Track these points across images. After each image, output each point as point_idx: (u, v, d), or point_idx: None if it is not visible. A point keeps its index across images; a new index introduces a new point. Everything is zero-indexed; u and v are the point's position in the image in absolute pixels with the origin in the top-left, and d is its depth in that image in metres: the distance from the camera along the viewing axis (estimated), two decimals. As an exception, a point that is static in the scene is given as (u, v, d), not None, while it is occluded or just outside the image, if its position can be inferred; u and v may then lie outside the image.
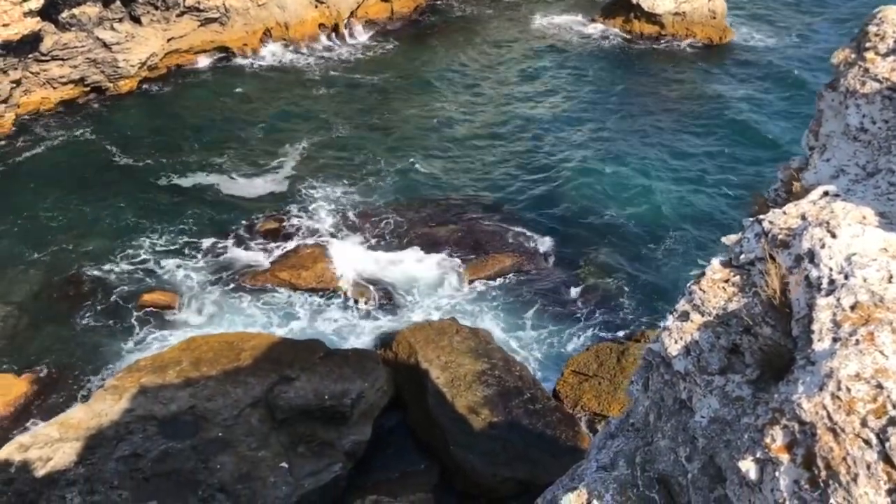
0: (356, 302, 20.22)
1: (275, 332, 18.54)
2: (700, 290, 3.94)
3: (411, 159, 26.35)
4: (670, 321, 3.95)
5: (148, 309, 19.66)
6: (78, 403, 16.36)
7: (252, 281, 20.68)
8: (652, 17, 36.35)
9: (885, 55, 4.67)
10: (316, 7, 35.47)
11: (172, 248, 21.83)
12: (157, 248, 21.77)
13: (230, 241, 22.16)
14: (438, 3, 39.88)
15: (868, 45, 4.78)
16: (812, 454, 2.73)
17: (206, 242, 22.07)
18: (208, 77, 31.99)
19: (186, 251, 21.73)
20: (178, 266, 21.16)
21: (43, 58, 27.44)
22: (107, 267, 20.98)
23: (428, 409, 16.01)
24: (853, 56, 4.79)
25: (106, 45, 29.05)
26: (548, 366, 18.24)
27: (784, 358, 3.33)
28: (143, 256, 21.44)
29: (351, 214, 23.34)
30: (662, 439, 4.07)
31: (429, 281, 21.00)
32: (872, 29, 4.83)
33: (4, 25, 23.80)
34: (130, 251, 21.60)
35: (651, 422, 4.25)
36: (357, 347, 18.14)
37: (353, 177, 25.20)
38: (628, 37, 36.30)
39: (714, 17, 36.38)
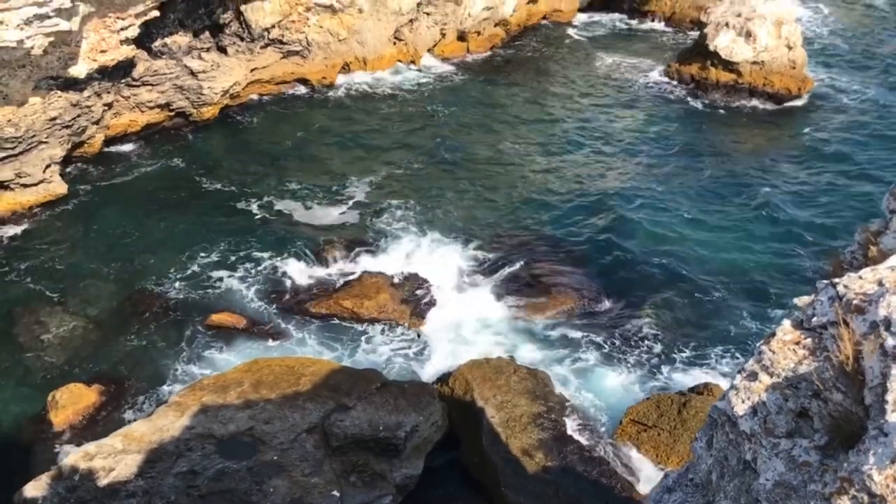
0: (417, 334, 20.35)
1: (334, 360, 18.79)
2: (770, 350, 3.89)
3: (478, 193, 26.57)
4: (738, 380, 3.90)
5: (215, 329, 20.20)
6: (141, 417, 16.85)
7: (316, 307, 21.06)
8: (729, 66, 35.95)
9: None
10: (394, 44, 36.36)
11: (241, 270, 22.44)
12: (227, 270, 22.41)
13: (298, 267, 22.66)
14: (514, 42, 40.39)
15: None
16: (881, 528, 2.66)
17: (275, 267, 22.62)
18: (287, 106, 33.05)
19: (254, 274, 22.31)
20: (246, 288, 21.72)
21: (134, 83, 28.84)
22: (178, 285, 21.70)
23: (481, 447, 15.92)
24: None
25: (193, 73, 30.35)
26: (606, 413, 17.92)
27: (855, 426, 3.25)
28: (214, 277, 22.10)
29: (416, 246, 23.60)
30: (724, 499, 4.00)
31: (489, 317, 20.99)
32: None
33: (102, 52, 25.12)
34: (201, 271, 22.30)
35: (713, 480, 4.18)
36: (414, 380, 18.22)
37: (421, 208, 25.52)
38: (703, 84, 35.94)
39: (794, 67, 35.76)
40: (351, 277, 22.15)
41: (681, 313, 21.13)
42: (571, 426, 16.41)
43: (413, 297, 21.46)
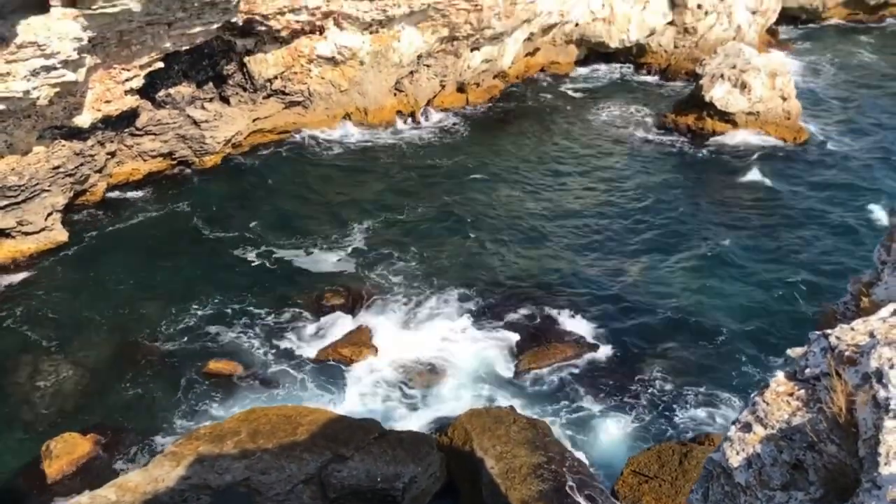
0: (413, 383, 20.22)
1: (332, 409, 18.65)
2: (764, 401, 3.90)
3: (477, 242, 26.69)
4: (732, 431, 3.91)
5: (212, 377, 20.10)
6: (137, 467, 16.65)
7: (315, 356, 20.99)
8: (725, 116, 36.46)
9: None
10: (395, 95, 36.94)
11: (239, 318, 22.42)
12: (225, 318, 22.40)
13: (296, 315, 22.65)
14: (512, 93, 41.01)
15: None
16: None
17: (273, 314, 22.61)
18: (287, 155, 33.42)
19: (253, 322, 22.28)
20: (244, 336, 21.68)
21: (137, 132, 29.24)
22: (175, 334, 21.66)
23: (481, 499, 15.70)
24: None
25: (195, 123, 30.78)
26: (606, 463, 17.72)
27: (849, 478, 3.25)
28: (211, 325, 22.07)
29: (415, 295, 23.62)
30: (722, 553, 3.96)
31: (488, 366, 20.91)
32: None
33: (107, 102, 25.53)
34: (199, 319, 22.28)
35: (710, 534, 4.15)
36: (412, 430, 18.05)
37: (421, 256, 25.61)
38: (699, 134, 36.39)
39: (788, 118, 36.27)
40: (350, 326, 22.11)
41: (681, 362, 21.05)
42: (572, 477, 16.21)
43: (412, 346, 21.39)
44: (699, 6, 44.81)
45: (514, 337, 21.84)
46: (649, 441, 18.22)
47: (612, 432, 18.78)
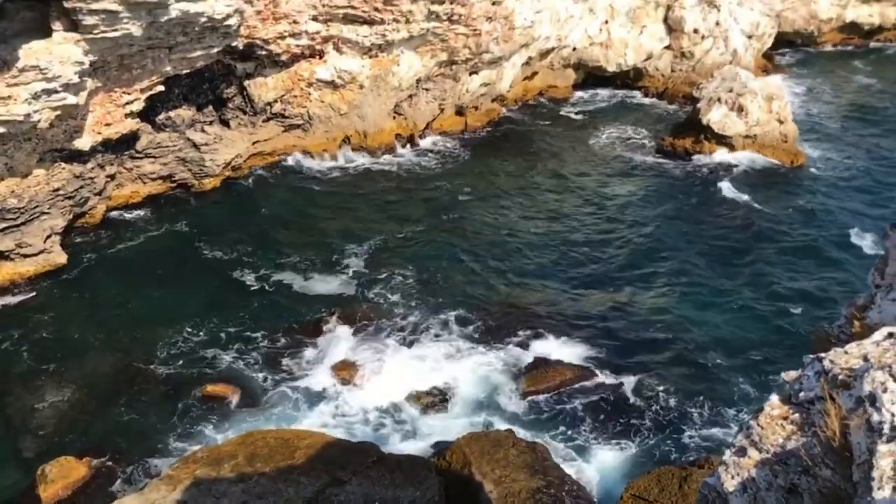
0: (412, 405, 20.14)
1: (330, 432, 18.55)
2: (758, 425, 3.91)
3: (475, 265, 26.71)
4: (727, 455, 3.90)
5: (209, 400, 20.01)
6: (133, 491, 16.52)
7: (313, 379, 20.91)
8: (722, 139, 36.68)
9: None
10: (394, 118, 37.17)
11: (238, 340, 22.37)
12: (223, 341, 22.35)
13: (296, 338, 22.60)
14: (511, 117, 41.28)
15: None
16: None
17: (272, 337, 22.57)
18: (287, 178, 33.55)
19: (251, 345, 22.23)
20: (242, 359, 21.62)
21: (137, 155, 29.36)
22: (173, 356, 21.60)
23: (479, 524, 15.57)
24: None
25: (195, 146, 30.93)
26: (606, 488, 17.61)
27: (844, 503, 3.25)
28: (209, 348, 22.01)
29: (414, 317, 23.59)
30: (718, 579, 3.94)
31: (487, 389, 20.83)
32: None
33: (107, 125, 25.66)
34: (197, 342, 22.23)
35: (707, 559, 4.13)
36: (410, 454, 17.95)
37: (419, 280, 25.61)
38: (697, 157, 36.57)
39: (785, 141, 36.49)
40: (348, 349, 22.06)
41: (681, 384, 20.99)
42: (571, 502, 16.08)
43: (410, 369, 21.33)
44: (696, 31, 45.28)
45: (513, 360, 21.79)
46: (649, 465, 18.10)
47: (612, 456, 18.68)
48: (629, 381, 21.11)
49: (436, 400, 20.38)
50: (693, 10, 45.07)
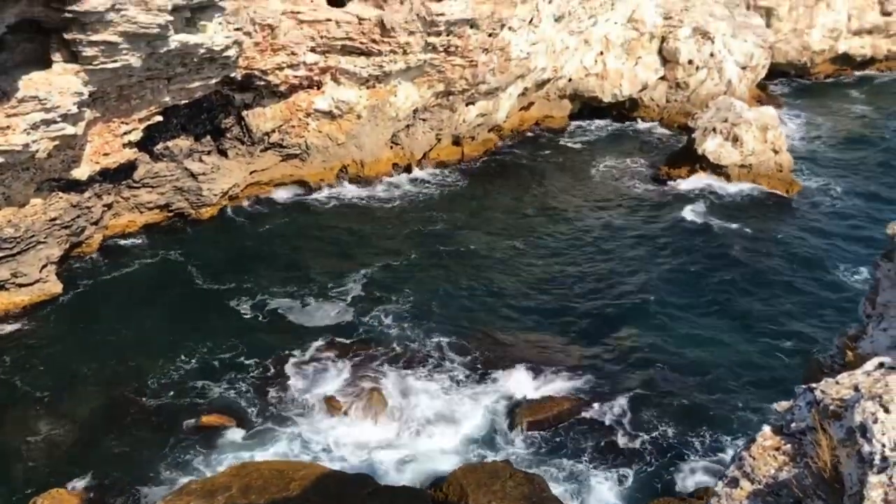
0: (407, 436, 19.97)
1: (325, 464, 18.39)
2: (750, 456, 3.88)
3: (472, 296, 26.68)
4: (720, 487, 3.87)
5: (205, 431, 19.83)
6: (125, 523, 16.32)
7: (309, 408, 20.77)
8: (717, 168, 36.91)
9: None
10: (391, 148, 37.38)
11: (233, 371, 22.24)
12: (219, 371, 22.21)
13: (291, 368, 22.47)
14: (507, 146, 41.52)
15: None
16: None
17: (268, 367, 22.44)
18: (284, 207, 33.64)
19: (246, 374, 22.10)
20: (237, 389, 21.47)
21: (135, 184, 29.44)
22: (167, 386, 21.45)
23: (475, 557, 15.37)
24: (908, 227, 4.85)
25: (193, 175, 31.04)
26: (603, 519, 17.42)
27: (836, 535, 3.22)
28: (204, 378, 21.87)
29: (410, 345, 23.52)
30: None
31: (483, 419, 20.69)
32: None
33: (105, 155, 25.78)
34: (192, 372, 22.10)
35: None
36: (406, 485, 17.78)
37: (417, 310, 25.56)
38: (691, 186, 36.73)
39: (780, 170, 36.71)
40: (345, 378, 21.95)
41: (679, 415, 20.86)
42: (568, 534, 15.91)
43: (406, 399, 21.20)
44: (690, 62, 45.76)
45: (510, 391, 21.67)
46: (648, 496, 17.95)
47: (610, 487, 18.50)
48: (626, 412, 20.98)
49: (432, 430, 20.22)
50: (687, 42, 45.59)
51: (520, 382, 22.03)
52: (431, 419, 20.55)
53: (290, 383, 21.81)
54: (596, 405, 21.23)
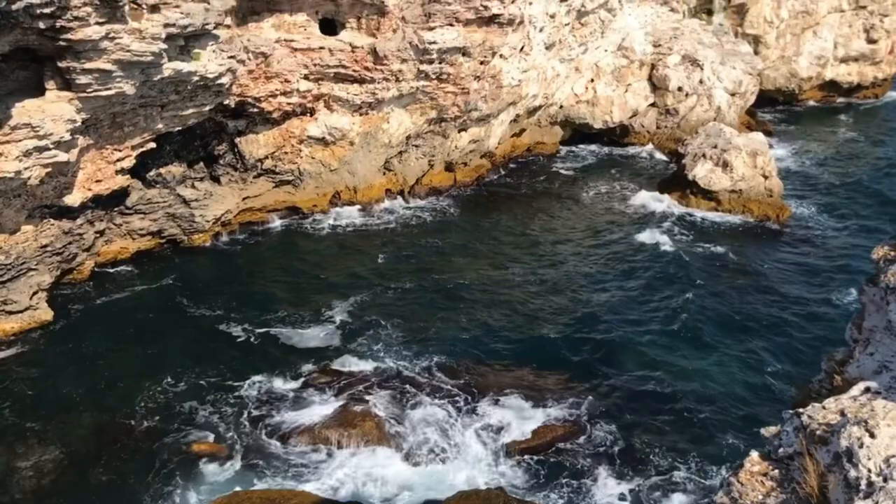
0: (400, 463, 19.83)
1: (317, 492, 18.22)
2: (738, 482, 3.89)
3: (464, 322, 26.64)
4: (709, 513, 3.87)
5: (195, 459, 19.65)
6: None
7: (300, 436, 20.61)
8: (708, 194, 37.16)
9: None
10: (384, 174, 37.54)
11: (223, 398, 22.09)
12: (209, 398, 22.06)
13: (282, 394, 22.35)
14: (499, 172, 41.75)
15: (907, 242, 4.89)
16: None
17: (258, 394, 22.31)
18: (276, 233, 33.67)
19: (237, 402, 21.95)
20: (227, 417, 21.32)
21: (127, 211, 29.42)
22: (157, 414, 21.27)
23: (468, 586, 15.21)
24: (892, 253, 4.90)
25: (185, 202, 31.05)
26: (597, 547, 17.27)
27: (824, 561, 3.22)
28: (194, 406, 21.72)
29: (403, 372, 23.42)
30: None
31: (477, 446, 20.57)
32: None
33: (97, 181, 25.80)
34: (182, 400, 21.94)
35: None
36: (399, 513, 17.62)
37: (407, 335, 25.51)
38: (683, 212, 36.96)
39: (771, 196, 36.97)
40: (337, 404, 21.82)
41: (670, 442, 20.79)
42: (562, 562, 15.77)
43: (398, 426, 21.08)
44: (680, 89, 46.26)
45: (503, 417, 21.58)
46: (641, 523, 17.83)
47: (603, 514, 18.37)
48: (618, 439, 20.90)
49: (425, 458, 20.09)
50: (677, 69, 46.13)
51: (513, 409, 21.95)
52: (424, 446, 20.42)
53: (282, 410, 21.66)
54: (588, 432, 21.14)
